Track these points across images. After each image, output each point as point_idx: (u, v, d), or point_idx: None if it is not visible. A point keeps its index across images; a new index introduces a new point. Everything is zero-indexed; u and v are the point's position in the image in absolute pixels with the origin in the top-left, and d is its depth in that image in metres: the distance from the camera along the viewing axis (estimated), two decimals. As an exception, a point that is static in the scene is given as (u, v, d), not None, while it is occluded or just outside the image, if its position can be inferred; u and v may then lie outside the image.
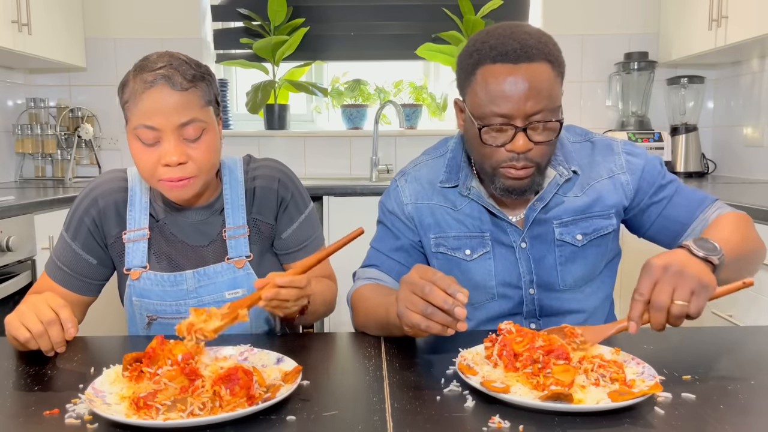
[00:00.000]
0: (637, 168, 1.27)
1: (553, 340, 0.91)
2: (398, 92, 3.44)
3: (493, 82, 1.09)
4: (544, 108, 1.10)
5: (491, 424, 0.76)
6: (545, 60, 1.11)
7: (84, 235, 1.25)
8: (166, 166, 1.12)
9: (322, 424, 0.77)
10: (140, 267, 1.23)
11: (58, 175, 3.20)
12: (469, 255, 1.26)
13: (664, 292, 0.91)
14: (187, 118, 1.11)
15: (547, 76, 1.10)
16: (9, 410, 0.83)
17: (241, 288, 1.24)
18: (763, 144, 2.85)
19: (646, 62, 3.11)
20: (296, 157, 3.32)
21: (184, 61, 1.15)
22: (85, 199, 1.26)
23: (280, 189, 1.29)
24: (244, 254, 1.25)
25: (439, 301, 0.88)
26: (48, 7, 2.82)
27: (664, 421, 0.76)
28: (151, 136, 1.12)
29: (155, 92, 1.10)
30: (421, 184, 1.31)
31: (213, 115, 1.18)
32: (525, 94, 1.08)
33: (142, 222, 1.24)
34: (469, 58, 1.14)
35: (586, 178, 1.26)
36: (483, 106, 1.11)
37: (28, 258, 2.14)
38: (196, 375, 0.80)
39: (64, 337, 0.97)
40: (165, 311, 1.23)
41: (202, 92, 1.14)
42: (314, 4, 3.30)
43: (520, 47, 1.09)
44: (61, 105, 3.21)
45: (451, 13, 3.24)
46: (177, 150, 1.11)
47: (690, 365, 0.95)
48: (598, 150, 1.29)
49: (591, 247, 1.25)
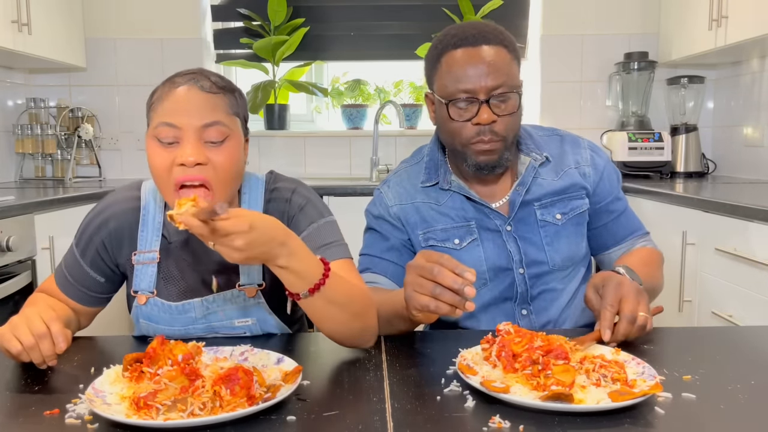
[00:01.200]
0: (599, 166, 1.38)
1: (551, 339, 0.91)
2: (398, 92, 3.44)
3: (456, 64, 1.22)
4: (503, 83, 1.21)
5: (491, 424, 0.76)
6: (501, 44, 1.23)
7: (92, 254, 1.20)
8: (182, 166, 1.04)
9: (322, 424, 0.77)
10: (148, 291, 1.18)
11: (58, 175, 3.20)
12: (458, 244, 1.32)
13: (633, 306, 1.03)
14: (211, 119, 1.06)
15: (504, 57, 1.23)
16: (9, 410, 0.83)
17: (251, 317, 1.18)
18: (763, 144, 2.85)
19: (646, 62, 3.11)
20: (296, 157, 3.32)
21: (217, 74, 1.12)
22: (96, 219, 1.21)
23: (290, 207, 1.20)
24: (256, 281, 1.18)
25: (449, 281, 0.90)
26: (48, 7, 2.82)
27: (664, 421, 0.77)
28: (170, 134, 1.05)
29: (181, 91, 1.06)
30: (404, 186, 1.37)
31: (240, 127, 1.12)
32: (485, 70, 1.20)
33: (153, 243, 1.19)
34: (434, 50, 1.27)
35: (560, 164, 1.36)
36: (449, 86, 1.23)
37: (28, 258, 2.14)
38: (196, 375, 0.80)
39: (54, 351, 0.95)
40: (174, 334, 1.18)
41: (229, 100, 1.10)
42: (314, 4, 3.30)
43: (478, 32, 1.23)
44: (61, 105, 3.21)
45: (451, 13, 3.24)
46: (195, 150, 1.04)
47: (690, 365, 0.95)
48: (567, 142, 1.39)
49: (570, 225, 1.34)
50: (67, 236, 1.27)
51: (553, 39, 3.23)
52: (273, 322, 1.20)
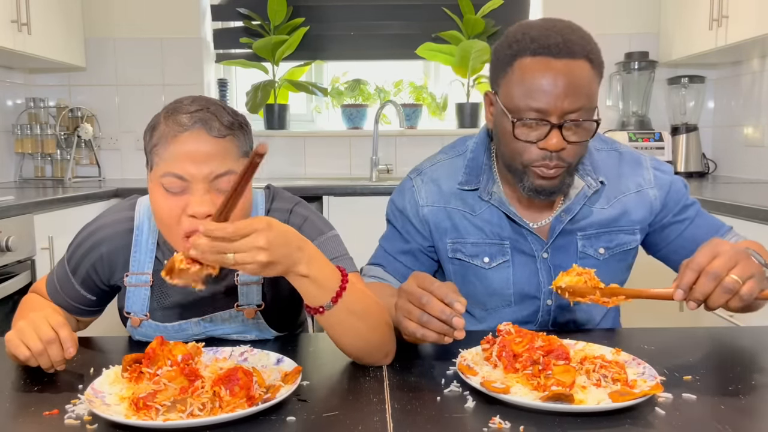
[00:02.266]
0: (665, 183, 1.25)
1: (552, 340, 0.90)
2: (398, 92, 3.44)
3: (531, 74, 1.06)
4: (581, 107, 1.06)
5: (492, 424, 0.75)
6: (586, 58, 1.07)
7: (83, 274, 1.17)
8: (191, 218, 0.98)
9: (322, 425, 0.77)
10: (141, 314, 1.15)
11: (57, 175, 3.20)
12: (487, 263, 1.22)
13: (723, 264, 0.89)
14: (223, 170, 0.98)
15: (587, 74, 1.07)
16: (9, 410, 0.83)
17: (249, 335, 1.14)
18: (763, 144, 2.85)
19: (647, 62, 3.11)
20: (296, 157, 3.32)
21: (221, 106, 1.03)
22: (87, 240, 1.16)
23: (291, 219, 1.15)
24: (255, 302, 1.13)
25: (436, 311, 0.88)
26: (48, 7, 2.81)
27: (664, 422, 0.76)
28: (179, 186, 0.98)
29: (189, 137, 0.97)
30: (438, 185, 1.25)
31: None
32: (564, 90, 1.04)
33: (146, 266, 1.14)
34: (508, 48, 1.10)
35: (613, 190, 1.22)
36: (518, 99, 1.07)
37: (28, 258, 2.14)
38: (195, 376, 0.80)
39: (63, 356, 0.94)
40: None
41: (239, 141, 1.02)
42: (314, 3, 3.30)
43: (562, 41, 1.06)
44: (60, 105, 3.21)
45: (451, 13, 3.24)
46: (207, 201, 0.97)
47: (690, 365, 0.95)
48: (626, 162, 1.26)
49: (612, 261, 1.23)
50: (67, 236, 1.26)
51: (553, 39, 3.22)
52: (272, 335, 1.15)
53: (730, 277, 0.89)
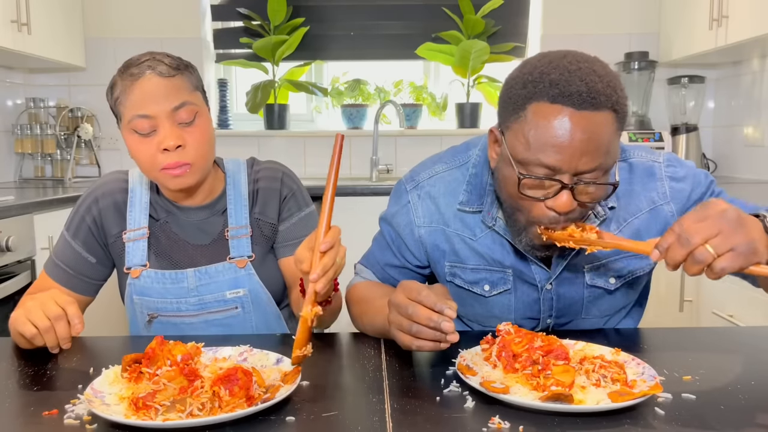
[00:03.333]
0: (682, 196, 1.11)
1: (551, 340, 0.90)
2: (398, 92, 3.44)
3: (545, 125, 0.92)
4: (599, 166, 0.93)
5: (491, 424, 0.75)
6: (611, 109, 0.93)
7: (84, 233, 1.25)
8: (165, 152, 1.13)
9: (321, 425, 0.77)
10: (140, 265, 1.23)
11: (57, 175, 3.20)
12: (488, 291, 1.15)
13: (701, 232, 0.81)
14: (179, 102, 1.14)
15: (610, 130, 0.93)
16: (8, 410, 0.82)
17: (242, 288, 1.24)
18: (763, 144, 2.85)
19: (647, 62, 3.11)
20: (296, 157, 3.32)
21: (166, 54, 1.19)
22: (86, 200, 1.27)
23: (283, 187, 1.30)
24: (246, 254, 1.25)
25: (424, 320, 0.87)
26: (48, 6, 2.81)
27: (664, 422, 0.76)
28: (146, 125, 1.13)
29: (144, 82, 1.13)
30: (437, 204, 1.15)
31: (203, 101, 1.20)
32: (581, 147, 0.91)
33: (142, 222, 1.25)
34: (523, 88, 0.95)
35: (624, 212, 1.11)
36: (528, 151, 0.94)
37: (28, 258, 2.14)
38: (195, 376, 0.80)
39: (69, 333, 0.97)
40: (166, 309, 1.23)
41: (187, 78, 1.17)
42: (314, 3, 3.30)
43: (586, 90, 0.91)
44: (60, 105, 3.21)
45: (451, 13, 3.24)
46: (173, 134, 1.13)
47: (690, 365, 0.95)
48: (638, 176, 1.12)
49: (624, 287, 1.15)
50: (67, 236, 1.27)
51: (553, 39, 3.22)
52: (263, 295, 1.25)
53: (704, 247, 0.80)
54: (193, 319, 1.24)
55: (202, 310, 1.23)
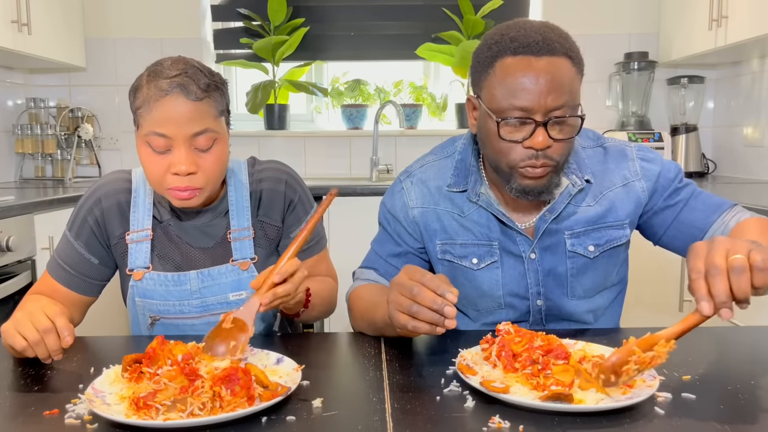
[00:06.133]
0: (652, 174, 1.23)
1: (551, 339, 0.90)
2: (398, 92, 3.44)
3: (513, 74, 1.06)
4: (565, 103, 1.06)
5: (491, 424, 0.76)
6: (566, 55, 1.07)
7: (87, 234, 1.24)
8: (175, 175, 1.11)
9: (322, 424, 0.77)
10: (143, 267, 1.23)
11: (58, 175, 3.20)
12: (476, 264, 1.23)
13: (718, 255, 0.81)
14: (200, 128, 1.11)
15: (568, 71, 1.07)
16: (9, 410, 0.83)
17: (245, 290, 1.24)
18: (763, 144, 2.85)
19: (646, 62, 3.11)
20: (296, 157, 3.32)
21: (199, 69, 1.13)
22: (89, 199, 1.26)
23: (288, 190, 1.29)
24: (249, 256, 1.25)
25: (427, 301, 0.88)
26: (48, 7, 2.82)
27: (664, 421, 0.76)
28: (162, 144, 1.11)
29: (170, 101, 1.09)
30: (428, 187, 1.26)
31: (224, 125, 1.17)
32: (546, 87, 1.04)
33: (145, 223, 1.24)
34: (488, 50, 1.10)
35: (599, 186, 1.22)
36: (501, 100, 1.07)
37: (28, 258, 2.14)
38: (195, 375, 0.80)
39: (60, 345, 0.95)
40: (168, 311, 1.23)
41: (215, 102, 1.13)
42: (314, 4, 3.30)
43: (542, 39, 1.06)
44: (61, 105, 3.21)
45: (451, 13, 3.24)
46: (188, 159, 1.10)
47: (690, 365, 0.95)
48: (611, 156, 1.25)
49: (603, 257, 1.22)
50: (67, 236, 1.27)
51: (553, 39, 3.22)
52: None
53: (734, 258, 0.80)
54: (195, 321, 1.24)
55: (204, 312, 1.23)
